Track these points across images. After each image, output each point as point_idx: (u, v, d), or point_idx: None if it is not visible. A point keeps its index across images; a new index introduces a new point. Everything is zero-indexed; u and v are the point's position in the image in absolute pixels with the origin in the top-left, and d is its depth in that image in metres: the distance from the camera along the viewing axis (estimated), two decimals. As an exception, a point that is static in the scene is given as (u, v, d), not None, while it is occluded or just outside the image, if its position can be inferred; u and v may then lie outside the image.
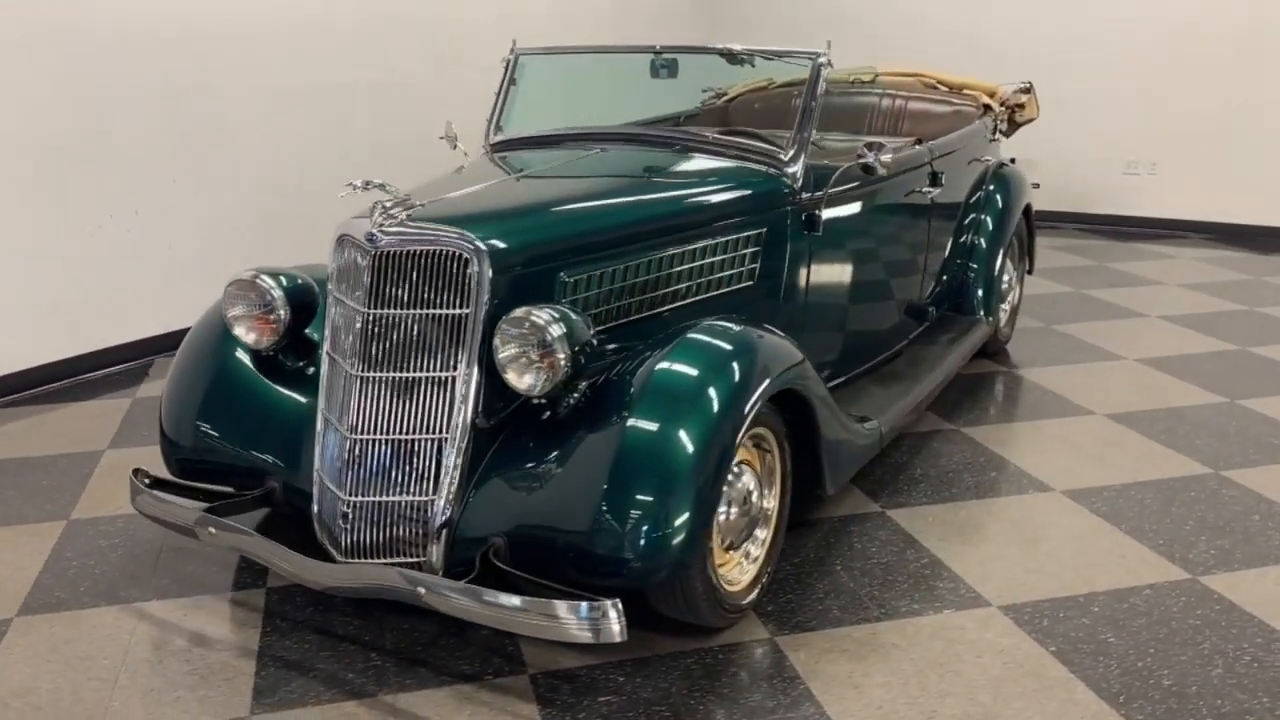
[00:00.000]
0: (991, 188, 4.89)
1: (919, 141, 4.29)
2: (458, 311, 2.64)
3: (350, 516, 2.66)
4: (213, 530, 2.75)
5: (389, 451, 2.66)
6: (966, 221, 4.76)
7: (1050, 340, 5.37)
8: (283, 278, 3.01)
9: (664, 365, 2.61)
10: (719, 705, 2.51)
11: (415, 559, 2.65)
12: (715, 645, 2.74)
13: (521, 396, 2.66)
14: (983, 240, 4.77)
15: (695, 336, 2.72)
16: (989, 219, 4.82)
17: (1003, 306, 5.15)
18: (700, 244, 3.13)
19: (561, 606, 2.33)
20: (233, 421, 3.01)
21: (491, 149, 3.84)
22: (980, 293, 4.74)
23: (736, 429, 2.56)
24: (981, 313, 4.72)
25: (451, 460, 2.63)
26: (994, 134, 4.93)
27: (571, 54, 4.06)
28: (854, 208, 3.70)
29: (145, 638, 2.79)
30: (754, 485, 2.86)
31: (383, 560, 2.66)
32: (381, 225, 2.64)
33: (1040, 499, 3.59)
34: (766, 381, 2.70)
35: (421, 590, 2.46)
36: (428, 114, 5.28)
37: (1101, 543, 3.29)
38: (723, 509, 2.75)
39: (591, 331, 2.67)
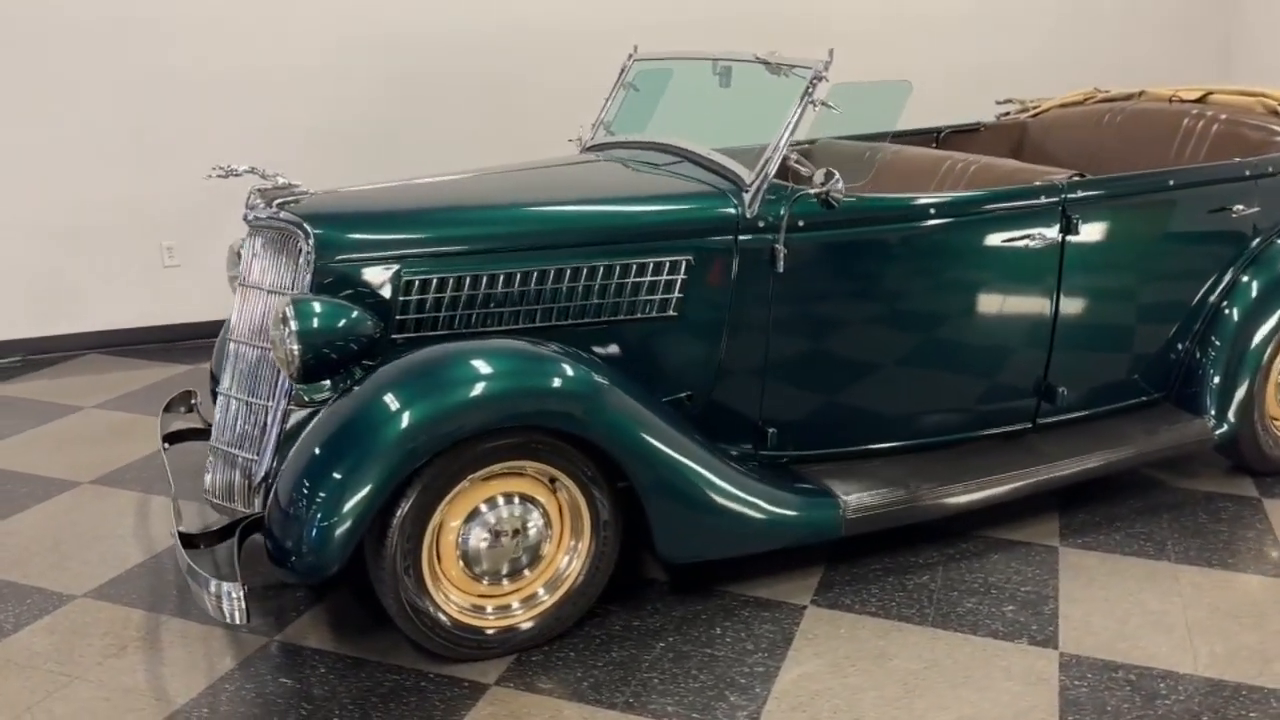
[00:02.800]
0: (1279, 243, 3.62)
1: (1080, 175, 3.37)
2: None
3: (211, 460, 3.04)
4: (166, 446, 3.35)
5: (239, 409, 2.99)
6: (1214, 286, 3.59)
7: (1394, 473, 3.82)
8: None
9: (390, 369, 2.58)
10: (349, 723, 2.47)
11: (248, 509, 2.95)
12: (432, 672, 2.65)
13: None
14: (1235, 312, 3.57)
15: (449, 348, 2.64)
16: (1255, 286, 3.58)
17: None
18: (589, 263, 2.91)
19: (212, 584, 2.48)
20: (232, 365, 3.55)
21: (584, 150, 3.87)
22: (1216, 380, 3.56)
23: (418, 450, 2.46)
24: (1212, 412, 3.55)
25: (273, 428, 2.88)
26: (1299, 174, 3.61)
27: (691, 59, 3.89)
28: (869, 247, 3.09)
29: (115, 520, 3.46)
30: (527, 523, 2.68)
31: (226, 502, 3.00)
32: (255, 210, 2.95)
33: (1020, 653, 2.74)
34: (492, 407, 2.54)
35: (172, 534, 2.80)
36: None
37: (1008, 726, 2.46)
38: (474, 529, 2.64)
39: (374, 327, 2.72)
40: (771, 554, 3.10)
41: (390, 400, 2.50)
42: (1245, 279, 3.58)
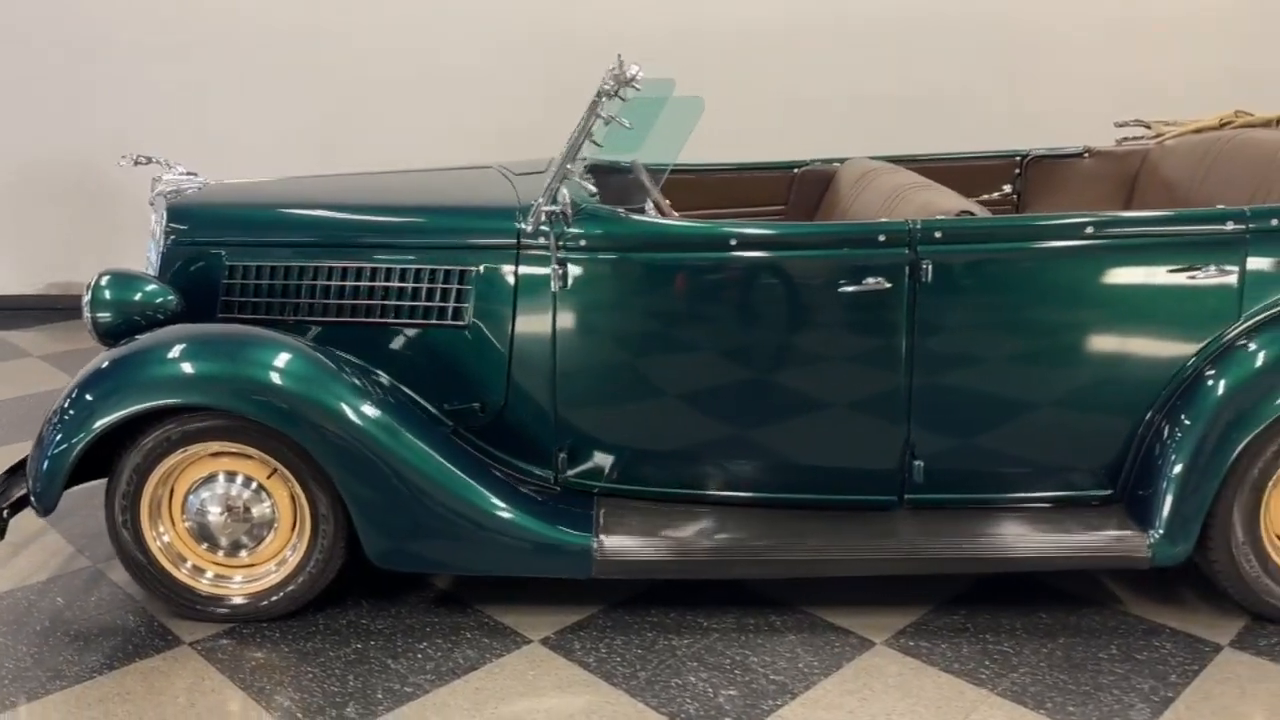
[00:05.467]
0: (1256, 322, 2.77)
1: (969, 213, 2.82)
2: (159, 275, 3.26)
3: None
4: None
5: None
6: (1173, 367, 2.83)
7: None
8: None
9: (139, 339, 2.86)
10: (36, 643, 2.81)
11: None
12: (161, 622, 2.91)
13: None
14: (1198, 406, 2.77)
15: (185, 327, 2.89)
16: (1228, 375, 2.76)
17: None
18: (387, 265, 2.98)
19: None
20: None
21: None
22: (1170, 485, 2.78)
23: (97, 419, 2.71)
24: (1159, 526, 2.79)
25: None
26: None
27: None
28: (660, 274, 2.85)
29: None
30: (252, 508, 2.86)
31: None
32: (153, 195, 3.38)
33: (677, 741, 2.44)
34: (142, 390, 2.72)
35: None
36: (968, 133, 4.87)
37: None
38: (202, 494, 2.86)
39: (177, 304, 3.01)
40: (561, 584, 3.00)
41: (99, 370, 2.80)
42: (1212, 368, 2.77)
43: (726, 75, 5.69)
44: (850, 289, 2.76)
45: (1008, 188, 4.05)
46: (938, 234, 2.74)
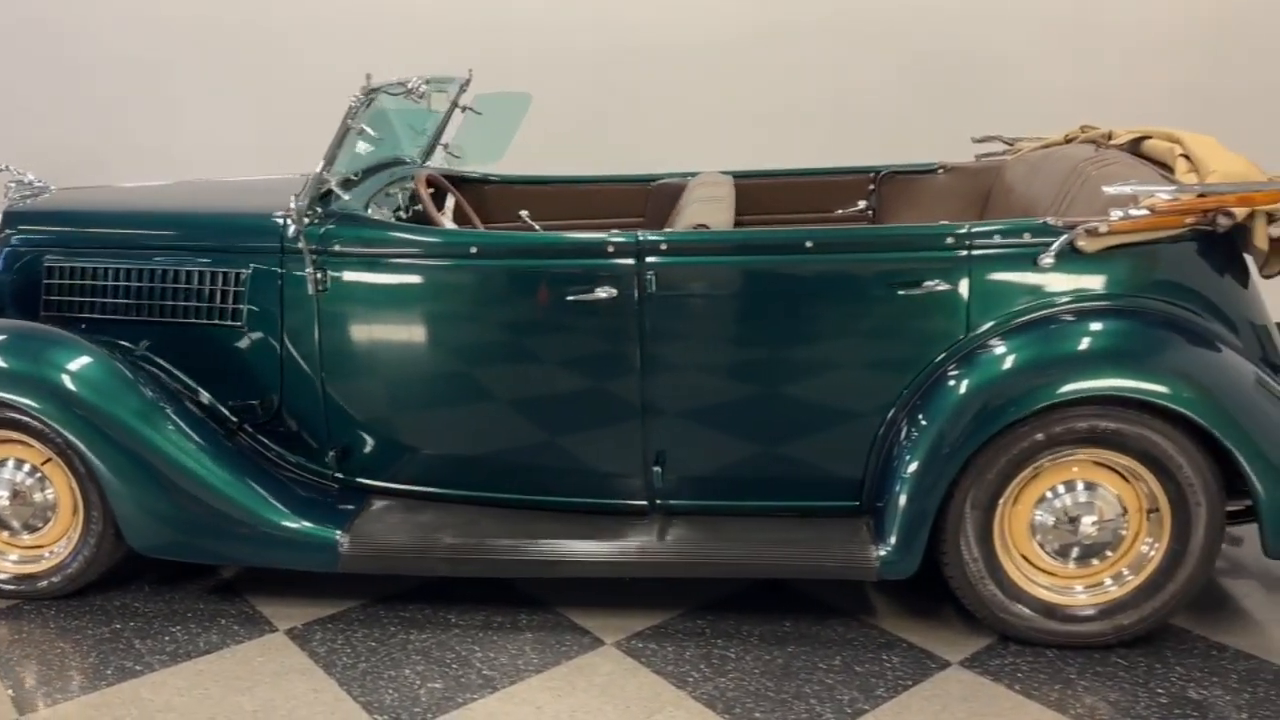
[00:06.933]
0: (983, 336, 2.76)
1: (703, 226, 2.87)
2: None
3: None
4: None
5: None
6: (903, 379, 2.82)
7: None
8: None
9: None
10: None
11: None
12: (-40, 602, 3.14)
13: None
14: (926, 417, 2.77)
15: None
16: (949, 392, 2.74)
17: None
18: (172, 267, 3.16)
19: None
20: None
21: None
22: (898, 497, 2.76)
23: None
24: (891, 538, 2.80)
25: None
26: (1053, 250, 2.71)
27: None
28: (407, 277, 2.97)
29: None
30: (34, 495, 3.05)
31: None
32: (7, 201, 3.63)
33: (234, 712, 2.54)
34: None
35: None
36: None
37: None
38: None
39: None
40: (345, 578, 3.09)
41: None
42: (943, 379, 2.77)
43: (714, 84, 5.72)
44: (580, 298, 2.83)
45: (862, 203, 4.06)
46: (663, 246, 2.80)
